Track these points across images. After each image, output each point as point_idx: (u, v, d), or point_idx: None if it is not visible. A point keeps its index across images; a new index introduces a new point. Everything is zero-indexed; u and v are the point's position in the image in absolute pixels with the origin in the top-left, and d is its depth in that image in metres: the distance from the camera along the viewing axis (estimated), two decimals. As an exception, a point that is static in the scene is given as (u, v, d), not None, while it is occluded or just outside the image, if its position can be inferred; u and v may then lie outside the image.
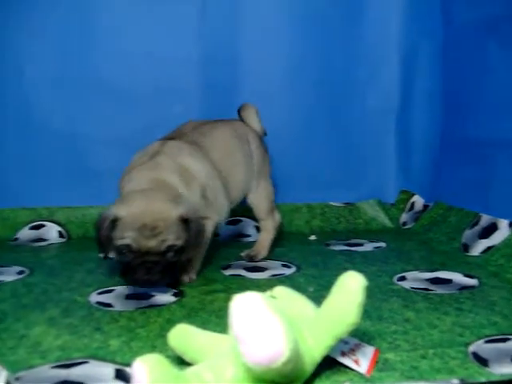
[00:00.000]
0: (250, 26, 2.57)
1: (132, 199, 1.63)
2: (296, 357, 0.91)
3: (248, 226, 2.54)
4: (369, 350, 1.18)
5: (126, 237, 1.56)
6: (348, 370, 1.11)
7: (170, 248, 1.59)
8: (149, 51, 2.50)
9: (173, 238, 1.59)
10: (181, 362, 1.14)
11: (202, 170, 1.85)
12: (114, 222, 1.59)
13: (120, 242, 1.58)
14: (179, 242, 1.61)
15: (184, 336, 1.17)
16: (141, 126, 2.49)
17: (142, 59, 2.50)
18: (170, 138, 1.95)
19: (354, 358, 1.12)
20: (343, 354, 1.13)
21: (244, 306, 0.87)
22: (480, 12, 2.29)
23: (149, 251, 1.57)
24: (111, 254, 1.66)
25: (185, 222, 1.63)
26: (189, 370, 1.00)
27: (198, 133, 1.99)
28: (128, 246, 1.57)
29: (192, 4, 2.52)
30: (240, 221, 2.55)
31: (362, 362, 1.12)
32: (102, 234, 1.62)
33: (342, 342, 1.15)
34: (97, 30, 2.47)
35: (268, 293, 1.15)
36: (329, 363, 1.10)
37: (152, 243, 1.57)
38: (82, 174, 2.53)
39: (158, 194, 1.64)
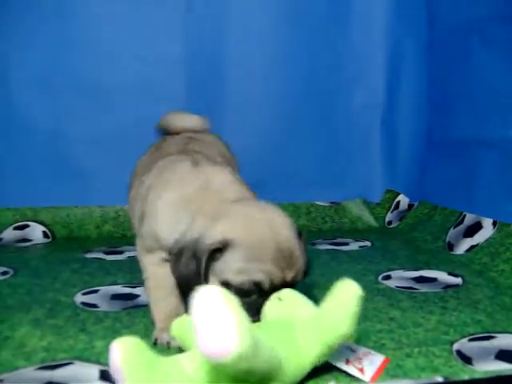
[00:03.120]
0: (236, 25, 2.56)
1: (238, 214, 1.18)
2: (253, 356, 0.90)
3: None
4: (377, 359, 1.16)
5: (252, 270, 1.11)
6: (334, 370, 1.11)
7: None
8: (134, 51, 2.48)
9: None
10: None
11: None
12: (221, 250, 1.13)
13: (242, 279, 1.11)
14: None
15: (184, 325, 1.18)
16: (126, 125, 2.48)
17: (126, 59, 2.48)
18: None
19: (359, 366, 1.11)
20: (348, 361, 1.12)
21: (204, 298, 0.87)
22: (464, 12, 2.31)
23: (280, 286, 1.14)
24: None
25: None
26: (168, 357, 1.00)
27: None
28: (258, 284, 1.12)
29: (178, 3, 2.51)
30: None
31: (367, 370, 1.11)
32: (189, 270, 1.14)
33: (350, 349, 1.15)
34: (81, 31, 2.44)
35: (276, 294, 1.15)
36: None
37: (290, 276, 1.15)
38: (67, 174, 2.50)
39: (268, 205, 1.23)
